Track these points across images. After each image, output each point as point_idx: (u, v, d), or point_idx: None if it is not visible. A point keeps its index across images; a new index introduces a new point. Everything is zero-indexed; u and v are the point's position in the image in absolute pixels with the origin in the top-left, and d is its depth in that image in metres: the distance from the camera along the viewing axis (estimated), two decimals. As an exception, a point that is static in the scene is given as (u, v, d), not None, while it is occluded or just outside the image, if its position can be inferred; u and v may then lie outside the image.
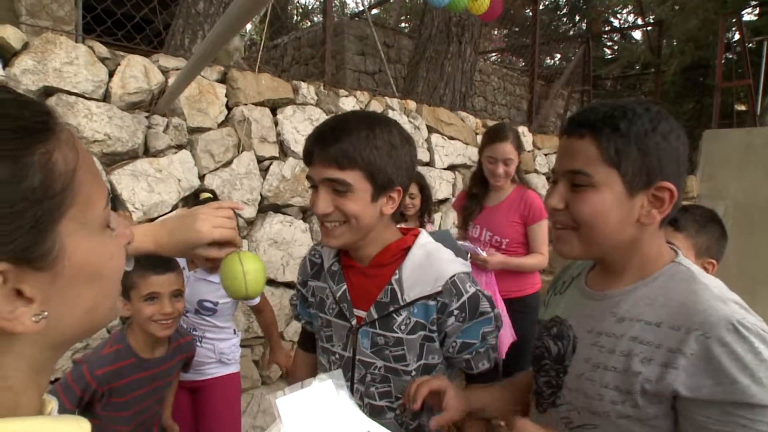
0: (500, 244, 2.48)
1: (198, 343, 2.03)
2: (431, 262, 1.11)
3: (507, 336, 2.29)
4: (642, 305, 0.84)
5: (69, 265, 0.42)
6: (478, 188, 2.60)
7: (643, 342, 0.81)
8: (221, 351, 2.13)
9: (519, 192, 2.52)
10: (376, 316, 1.11)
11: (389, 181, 1.05)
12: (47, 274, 0.40)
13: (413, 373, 1.11)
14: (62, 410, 0.58)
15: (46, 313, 0.40)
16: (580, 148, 0.84)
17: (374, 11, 10.15)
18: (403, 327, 1.10)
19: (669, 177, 0.83)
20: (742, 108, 8.43)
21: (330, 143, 1.01)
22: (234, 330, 2.23)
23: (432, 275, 1.09)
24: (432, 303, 1.09)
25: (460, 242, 2.35)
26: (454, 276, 1.08)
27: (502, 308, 2.32)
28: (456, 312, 1.08)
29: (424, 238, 1.16)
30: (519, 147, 2.46)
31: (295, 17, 10.20)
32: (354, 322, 1.15)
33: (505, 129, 2.48)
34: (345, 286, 1.17)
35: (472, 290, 1.09)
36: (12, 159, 0.38)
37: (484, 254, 2.34)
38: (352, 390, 1.15)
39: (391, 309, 1.10)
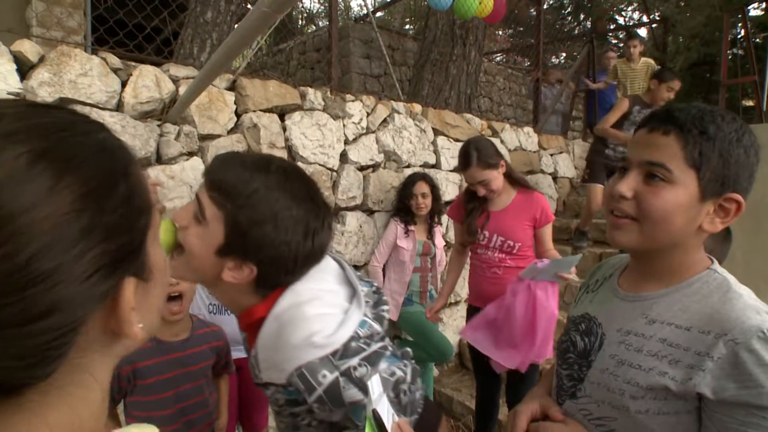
0: (512, 249, 2.44)
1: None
2: (278, 346, 0.87)
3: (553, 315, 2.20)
4: (675, 309, 0.86)
5: (154, 273, 0.44)
6: (474, 202, 2.51)
7: (672, 344, 0.83)
8: None
9: (525, 195, 2.46)
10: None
11: None
12: (145, 285, 0.43)
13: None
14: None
15: (141, 324, 0.42)
16: (663, 143, 0.84)
17: (378, 14, 10.19)
18: (278, 397, 0.93)
19: (740, 190, 0.83)
20: (750, 104, 8.40)
21: None
22: None
23: (277, 364, 0.87)
24: (291, 388, 0.87)
25: (539, 264, 2.13)
26: (300, 367, 0.84)
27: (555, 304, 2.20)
28: (316, 405, 0.86)
29: (285, 303, 0.91)
30: (489, 164, 2.33)
31: (300, 21, 10.26)
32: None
33: (467, 154, 2.35)
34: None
35: (328, 381, 0.83)
36: (124, 177, 0.40)
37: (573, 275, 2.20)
38: None
39: (258, 381, 0.94)
